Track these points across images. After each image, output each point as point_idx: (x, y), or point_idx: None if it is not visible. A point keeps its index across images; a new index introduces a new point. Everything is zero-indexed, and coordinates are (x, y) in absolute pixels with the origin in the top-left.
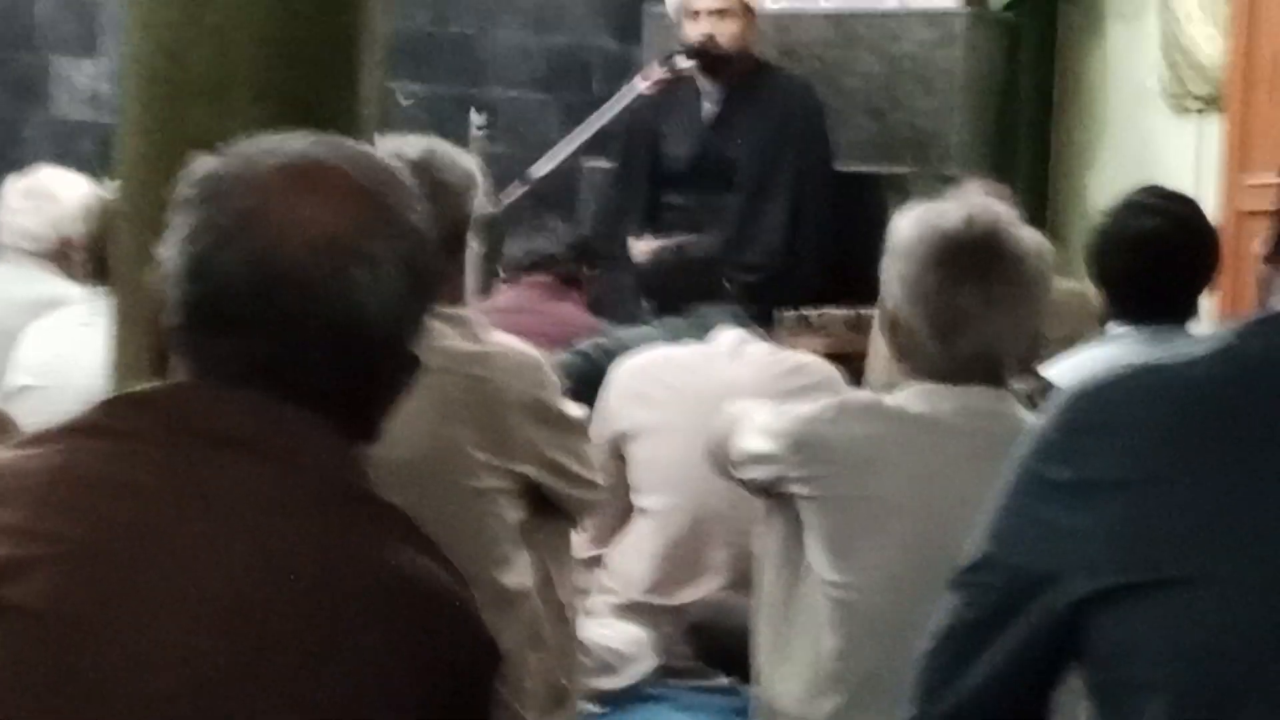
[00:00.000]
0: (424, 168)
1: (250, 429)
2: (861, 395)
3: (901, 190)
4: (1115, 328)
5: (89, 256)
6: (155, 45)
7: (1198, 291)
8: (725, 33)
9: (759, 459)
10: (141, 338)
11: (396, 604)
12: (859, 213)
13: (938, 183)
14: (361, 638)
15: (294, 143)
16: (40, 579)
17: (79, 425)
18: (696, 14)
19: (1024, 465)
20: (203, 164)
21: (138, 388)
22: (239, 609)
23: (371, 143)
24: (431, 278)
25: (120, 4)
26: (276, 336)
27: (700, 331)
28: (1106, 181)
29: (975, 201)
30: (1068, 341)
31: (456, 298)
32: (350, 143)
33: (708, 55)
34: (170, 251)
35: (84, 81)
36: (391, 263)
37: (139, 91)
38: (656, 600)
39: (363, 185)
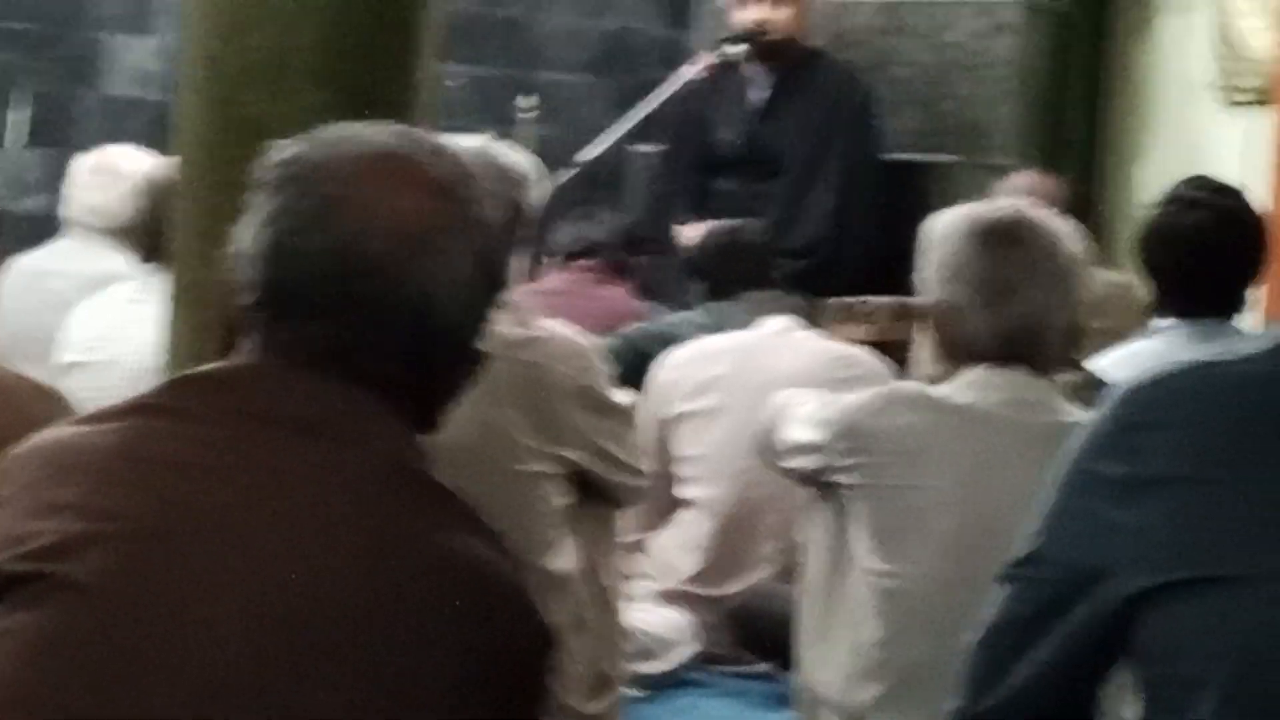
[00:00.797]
0: (481, 155)
1: (316, 412)
2: (908, 385)
3: (949, 180)
4: (1161, 321)
5: (144, 234)
6: (216, 28)
7: (1245, 285)
8: (776, 19)
9: (805, 448)
10: (200, 316)
11: (453, 589)
12: (906, 202)
13: (985, 172)
14: (418, 622)
15: (374, 133)
16: (98, 556)
17: (143, 403)
18: (747, 1)
19: (1077, 460)
20: (284, 148)
21: (202, 367)
22: (296, 590)
23: (427, 128)
24: (500, 273)
25: None
26: (349, 323)
27: (747, 318)
28: (1155, 174)
29: (1000, 197)
30: (1111, 334)
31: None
32: (427, 136)
33: (758, 42)
34: (247, 233)
35: (136, 59)
36: (464, 257)
37: (198, 73)
38: (700, 590)
39: (440, 179)
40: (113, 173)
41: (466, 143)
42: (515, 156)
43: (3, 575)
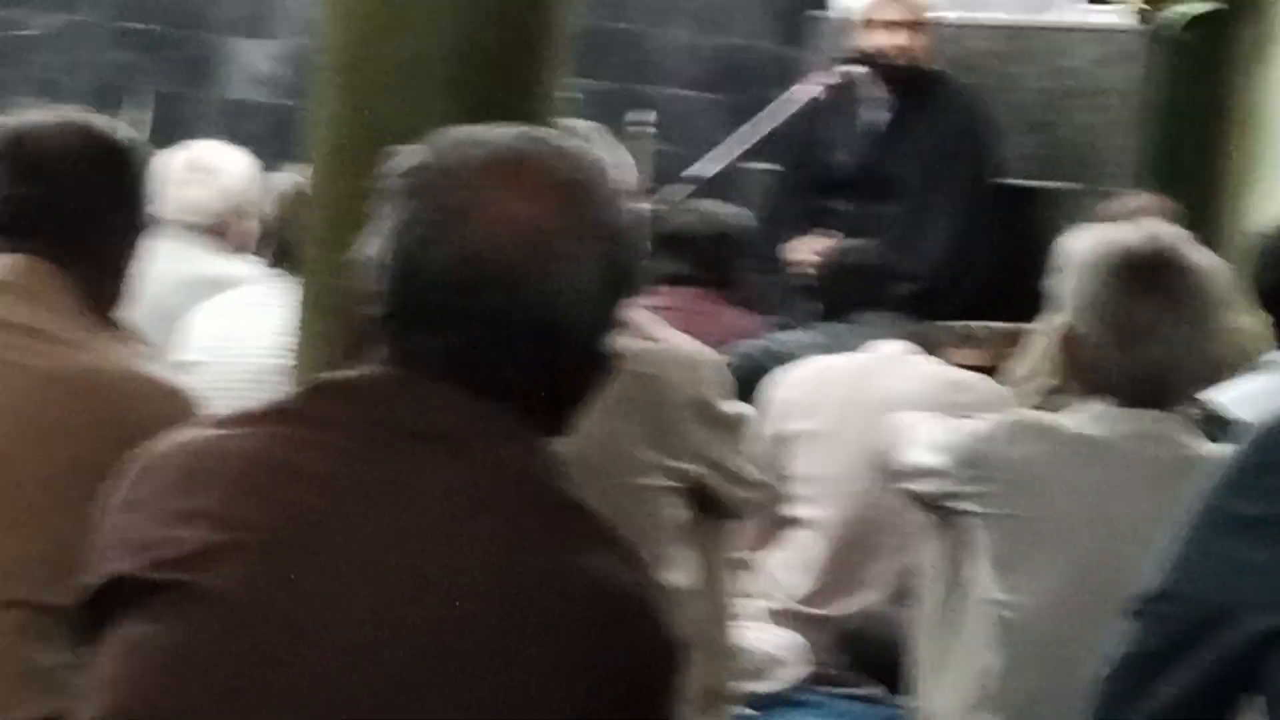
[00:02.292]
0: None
1: (449, 424)
2: (1034, 414)
3: (1065, 207)
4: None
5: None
6: (350, 36)
7: None
8: (899, 45)
9: (928, 473)
10: (329, 323)
11: (583, 609)
12: (1020, 227)
13: (1102, 200)
14: (545, 642)
15: (498, 135)
16: (233, 566)
17: (279, 410)
18: (871, 24)
19: (1211, 499)
20: (408, 155)
21: (336, 374)
22: (426, 608)
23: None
24: (631, 277)
25: None
26: (479, 332)
27: (861, 340)
28: (1271, 206)
29: (1151, 224)
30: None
31: None
32: (553, 136)
33: (878, 63)
34: (375, 243)
35: (254, 62)
36: (593, 261)
37: (330, 81)
38: (812, 610)
39: (567, 182)
40: (209, 170)
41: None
42: (620, 160)
43: (138, 582)
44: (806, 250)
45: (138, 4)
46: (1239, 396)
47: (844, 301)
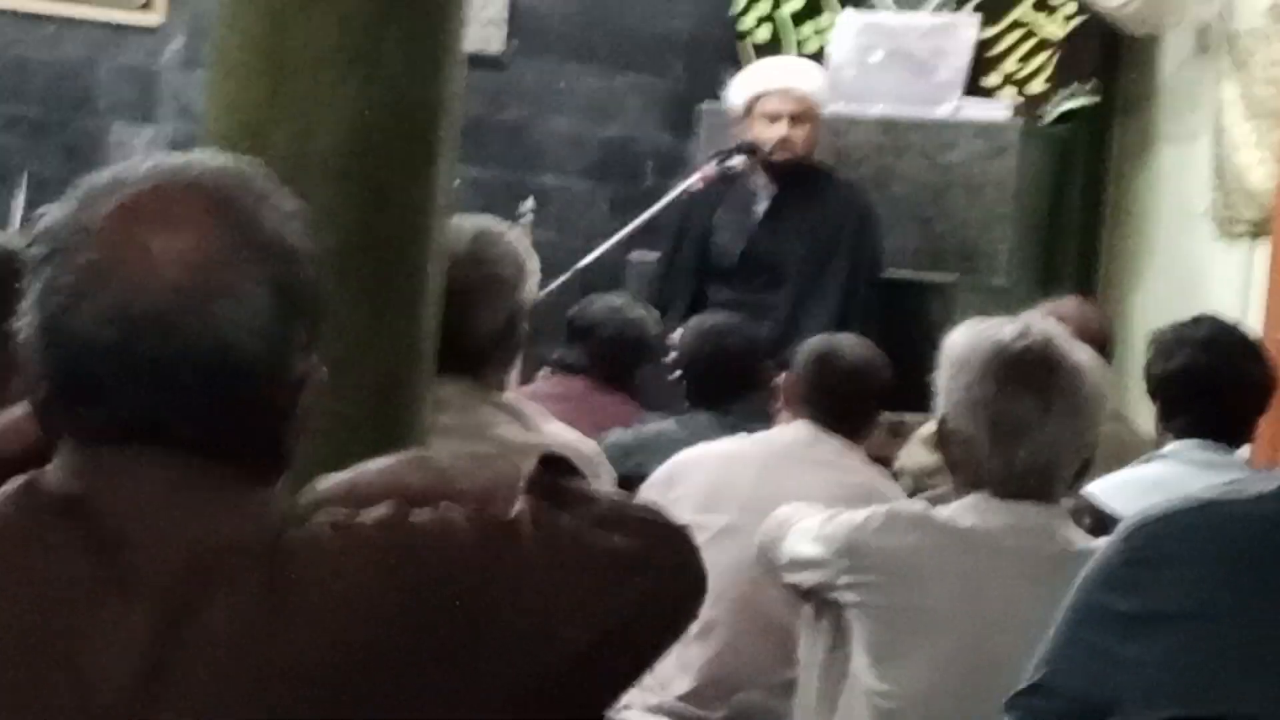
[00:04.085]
0: (476, 261)
1: (148, 503)
2: (912, 505)
3: (946, 299)
4: (1164, 447)
5: None
6: (238, 123)
7: (1250, 416)
8: (799, 137)
9: (807, 563)
10: None
11: None
12: (902, 319)
13: (982, 293)
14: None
15: (132, 174)
16: None
17: None
18: (773, 117)
19: (1085, 592)
20: (42, 217)
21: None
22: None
23: (444, 229)
24: (308, 293)
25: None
26: (147, 392)
27: (728, 430)
28: (1153, 301)
29: (1029, 318)
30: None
31: (504, 384)
32: (202, 157)
33: (761, 155)
34: (22, 320)
35: (141, 147)
36: (258, 288)
37: None
38: (691, 709)
39: (218, 207)
40: None
41: (463, 233)
42: (512, 248)
43: None
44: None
45: (24, 90)
46: (1119, 485)
47: (720, 384)
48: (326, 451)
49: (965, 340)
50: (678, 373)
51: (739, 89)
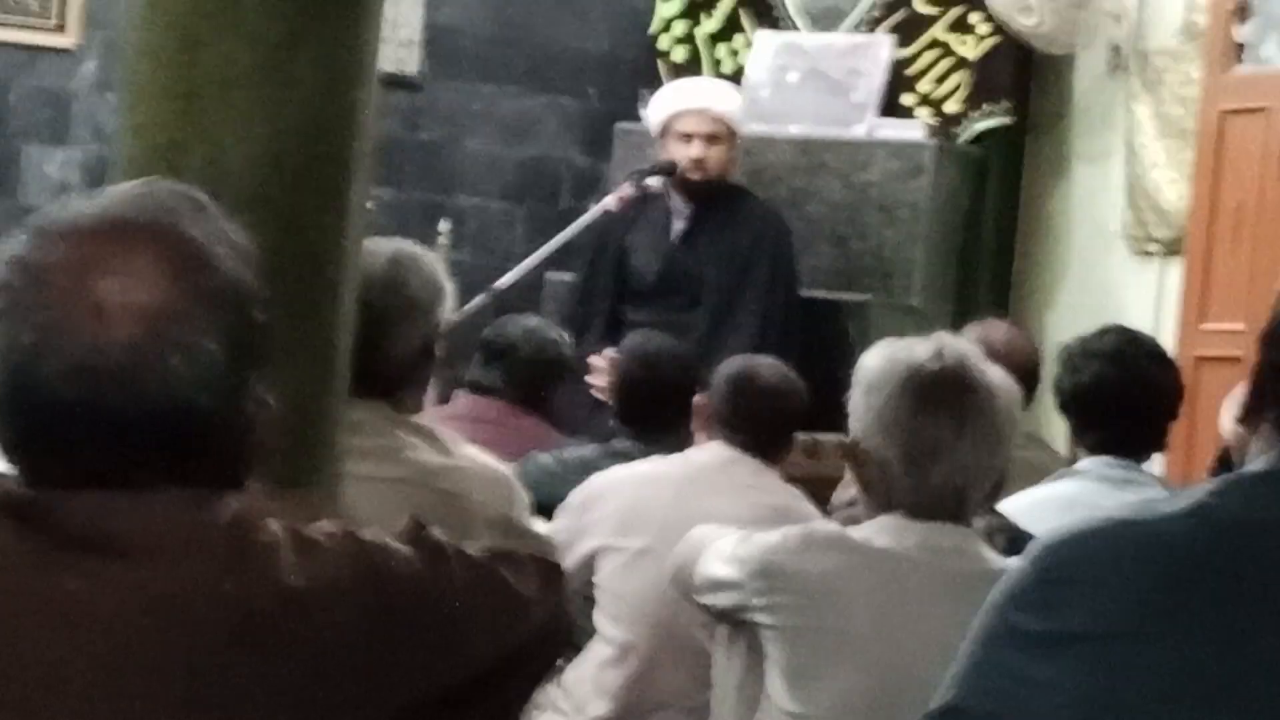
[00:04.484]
0: (392, 285)
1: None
2: (827, 526)
3: (861, 318)
4: (1075, 465)
5: None
6: (149, 146)
7: (1160, 428)
8: (714, 157)
9: (721, 585)
10: None
11: None
12: (818, 339)
13: (898, 312)
14: None
15: (86, 210)
16: None
17: None
18: (688, 137)
19: (996, 613)
20: None
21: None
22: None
23: (357, 254)
24: (260, 338)
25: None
26: (107, 445)
27: (656, 450)
28: (1066, 319)
29: (942, 338)
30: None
31: (419, 407)
32: (155, 190)
33: (677, 175)
34: None
35: (54, 170)
36: (211, 339)
37: None
38: None
39: (172, 254)
40: None
41: (378, 255)
42: (428, 271)
43: None
44: (606, 362)
45: None
46: (1033, 504)
47: (648, 417)
48: None
49: (879, 361)
50: (608, 397)
51: (655, 109)
